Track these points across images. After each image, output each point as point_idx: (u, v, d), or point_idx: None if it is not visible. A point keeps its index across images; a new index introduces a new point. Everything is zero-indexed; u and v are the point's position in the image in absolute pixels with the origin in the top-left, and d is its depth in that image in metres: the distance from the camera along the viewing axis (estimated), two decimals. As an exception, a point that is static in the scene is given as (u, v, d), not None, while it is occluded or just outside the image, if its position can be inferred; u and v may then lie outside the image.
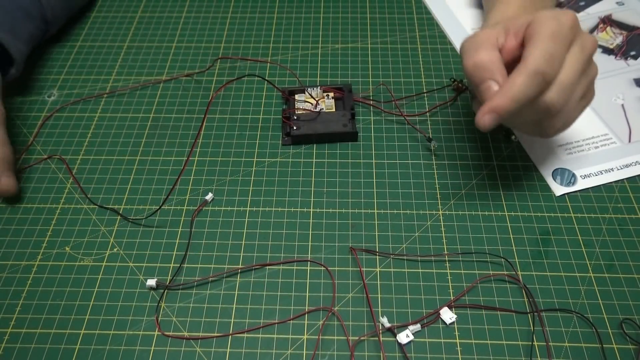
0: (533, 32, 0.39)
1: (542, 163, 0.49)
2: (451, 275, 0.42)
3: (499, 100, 0.38)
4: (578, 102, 0.42)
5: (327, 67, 0.58)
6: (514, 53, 0.41)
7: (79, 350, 0.39)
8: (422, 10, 0.65)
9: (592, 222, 0.45)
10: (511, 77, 0.38)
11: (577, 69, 0.39)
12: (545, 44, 0.38)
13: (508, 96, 0.37)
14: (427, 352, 0.38)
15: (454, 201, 0.47)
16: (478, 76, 0.40)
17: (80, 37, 0.62)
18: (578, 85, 0.40)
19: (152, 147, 0.51)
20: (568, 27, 0.39)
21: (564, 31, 0.39)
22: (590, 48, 0.40)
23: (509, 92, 0.37)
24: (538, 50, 0.38)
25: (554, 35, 0.38)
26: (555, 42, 0.38)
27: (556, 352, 0.38)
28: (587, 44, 0.40)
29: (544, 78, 0.38)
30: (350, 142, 0.51)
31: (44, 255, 0.44)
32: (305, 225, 0.45)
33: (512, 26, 0.41)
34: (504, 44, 0.41)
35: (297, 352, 0.38)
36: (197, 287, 0.42)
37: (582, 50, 0.40)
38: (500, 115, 0.38)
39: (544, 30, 0.39)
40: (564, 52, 0.39)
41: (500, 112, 0.38)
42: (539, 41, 0.38)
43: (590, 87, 0.43)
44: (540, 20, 0.39)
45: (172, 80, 0.57)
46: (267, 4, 0.66)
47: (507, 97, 0.37)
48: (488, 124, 0.38)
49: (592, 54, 0.41)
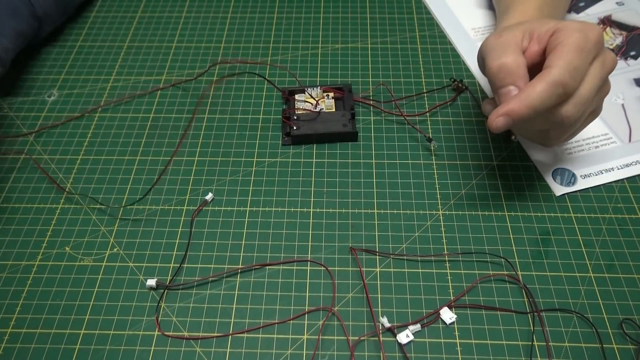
0: (558, 41, 0.39)
1: (542, 163, 0.49)
2: (451, 275, 0.42)
3: (515, 105, 0.37)
4: (587, 117, 0.42)
5: (327, 67, 0.58)
6: (534, 58, 0.41)
7: (79, 350, 0.39)
8: (422, 10, 0.65)
9: (592, 222, 0.45)
10: (531, 84, 0.38)
11: (596, 85, 0.39)
12: (570, 55, 0.38)
13: (525, 102, 0.37)
14: (427, 352, 0.38)
15: (454, 201, 0.47)
16: (501, 79, 0.39)
17: (80, 37, 0.62)
18: (593, 101, 0.40)
19: (152, 147, 0.51)
20: (594, 42, 0.39)
21: (589, 46, 0.39)
22: (611, 65, 0.40)
23: (527, 98, 0.37)
24: (562, 61, 0.38)
25: (580, 48, 0.38)
26: (580, 56, 0.38)
27: (556, 352, 0.38)
28: (608, 61, 0.40)
29: (565, 90, 0.37)
30: (350, 142, 0.51)
31: (44, 255, 0.44)
32: (305, 225, 0.45)
33: (537, 30, 0.41)
34: (527, 47, 0.41)
35: (297, 352, 0.38)
36: (197, 287, 0.42)
37: (603, 66, 0.40)
38: (513, 120, 0.38)
39: (570, 42, 0.38)
40: (586, 66, 0.39)
41: (514, 117, 0.38)
42: (565, 52, 0.38)
43: (600, 103, 0.43)
44: (567, 31, 0.39)
45: (172, 81, 0.57)
46: (267, 4, 0.66)
47: (524, 103, 0.37)
48: (501, 125, 0.38)
49: (611, 72, 0.41)
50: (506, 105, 0.38)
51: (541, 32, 0.41)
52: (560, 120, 0.39)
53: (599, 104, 0.43)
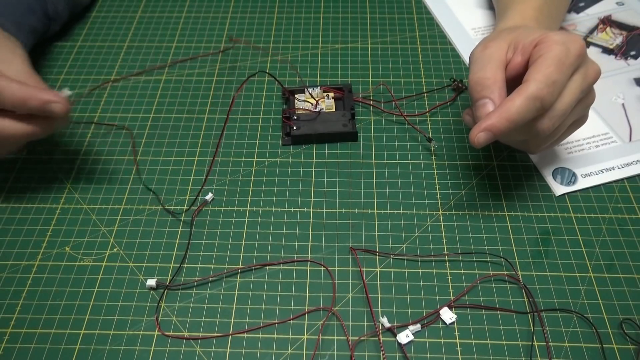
0: (540, 54, 0.39)
1: (542, 163, 0.49)
2: (451, 275, 0.42)
3: (494, 120, 0.38)
4: (570, 126, 0.42)
5: (327, 67, 0.58)
6: (518, 70, 0.41)
7: (79, 350, 0.39)
8: (422, 10, 0.65)
9: (592, 222, 0.45)
10: (510, 98, 0.38)
11: (575, 98, 0.39)
12: (549, 70, 0.38)
13: (504, 117, 0.38)
14: (427, 352, 0.38)
15: (454, 201, 0.47)
16: (478, 91, 0.40)
17: (80, 36, 0.62)
18: (573, 112, 0.41)
19: (152, 147, 0.51)
20: (575, 55, 0.39)
21: (570, 60, 0.39)
22: (593, 77, 0.40)
23: (505, 113, 0.38)
24: (541, 75, 0.38)
25: (560, 62, 0.38)
26: (560, 70, 0.38)
27: (556, 352, 0.38)
28: (590, 73, 0.40)
29: (542, 104, 0.38)
30: (350, 142, 0.51)
31: (44, 255, 0.44)
32: (305, 225, 0.45)
33: (522, 41, 0.41)
34: (512, 59, 0.41)
35: (297, 352, 0.38)
36: (197, 287, 0.42)
37: (584, 79, 0.40)
38: (494, 134, 0.38)
39: (550, 56, 0.38)
40: (566, 80, 0.39)
41: (495, 132, 0.38)
42: (544, 66, 0.38)
43: (585, 112, 0.43)
44: (549, 43, 0.39)
45: (172, 80, 0.57)
46: (267, 4, 0.66)
47: (503, 118, 0.38)
48: (482, 141, 0.39)
49: (594, 83, 0.41)
50: (487, 120, 0.38)
51: (525, 43, 0.41)
52: (536, 132, 0.40)
53: (583, 114, 0.43)
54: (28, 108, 0.40)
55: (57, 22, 0.59)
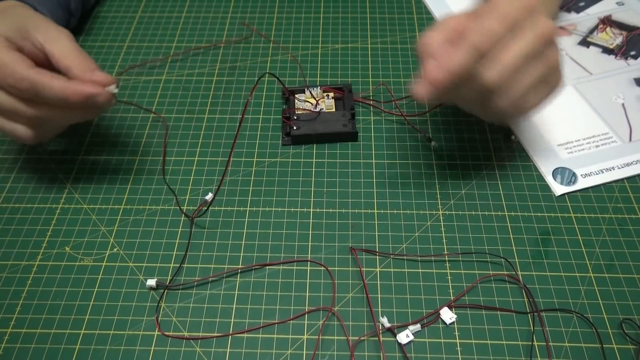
0: (485, 10, 0.40)
1: (542, 162, 0.49)
2: (451, 275, 0.42)
3: (435, 73, 0.38)
4: (534, 87, 0.41)
5: (327, 67, 0.58)
6: None
7: (79, 350, 0.39)
8: (422, 10, 0.65)
9: (592, 222, 0.45)
10: (449, 51, 0.39)
11: (524, 52, 0.39)
12: (488, 21, 0.39)
13: (444, 68, 0.38)
14: (427, 352, 0.38)
15: (454, 201, 0.47)
16: (421, 54, 0.41)
17: (80, 37, 0.62)
18: (527, 69, 0.40)
19: (152, 147, 0.51)
20: (519, 7, 0.39)
21: (513, 12, 0.39)
22: (545, 33, 0.40)
23: (445, 64, 0.38)
24: (478, 26, 0.38)
25: (501, 15, 0.39)
26: (499, 22, 0.39)
27: (556, 352, 0.38)
28: (541, 28, 0.40)
29: (480, 53, 0.38)
30: (350, 142, 0.51)
31: (44, 255, 0.44)
32: (305, 225, 0.45)
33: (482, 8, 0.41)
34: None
35: (297, 352, 0.38)
36: (197, 287, 0.42)
37: (534, 33, 0.39)
38: (436, 87, 0.38)
39: (494, 9, 0.39)
40: (507, 31, 0.39)
41: (436, 85, 0.38)
42: (485, 19, 0.39)
43: (551, 73, 0.42)
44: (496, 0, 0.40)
45: (172, 80, 0.57)
46: (267, 4, 0.66)
47: (443, 69, 0.38)
48: (424, 93, 0.39)
49: (548, 40, 0.40)
50: (428, 74, 0.38)
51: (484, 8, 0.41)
52: (483, 85, 0.39)
53: (551, 74, 0.42)
54: (72, 103, 0.41)
55: (74, 18, 0.60)
